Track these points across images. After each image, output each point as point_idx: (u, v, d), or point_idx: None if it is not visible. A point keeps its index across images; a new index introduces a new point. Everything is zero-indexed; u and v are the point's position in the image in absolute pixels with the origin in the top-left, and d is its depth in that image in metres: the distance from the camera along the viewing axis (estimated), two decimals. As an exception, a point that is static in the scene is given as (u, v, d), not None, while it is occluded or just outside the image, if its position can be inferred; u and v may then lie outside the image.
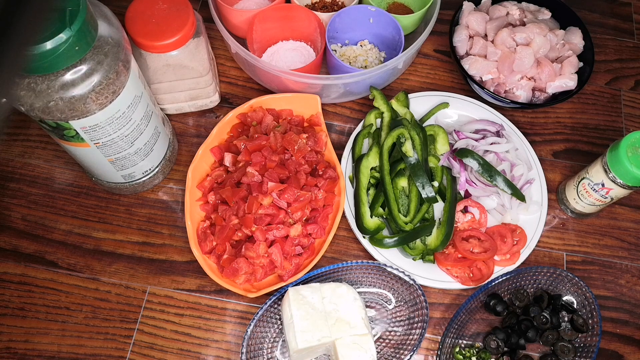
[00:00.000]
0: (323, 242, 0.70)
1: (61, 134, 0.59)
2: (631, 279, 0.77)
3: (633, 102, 0.90)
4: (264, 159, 0.71)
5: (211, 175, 0.74)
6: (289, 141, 0.72)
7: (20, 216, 0.76)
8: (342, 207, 0.71)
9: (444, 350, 0.68)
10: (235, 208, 0.69)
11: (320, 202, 0.71)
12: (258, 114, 0.76)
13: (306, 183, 0.71)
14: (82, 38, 0.50)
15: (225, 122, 0.75)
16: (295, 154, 0.71)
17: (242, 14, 0.83)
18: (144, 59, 0.70)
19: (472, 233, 0.74)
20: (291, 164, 0.71)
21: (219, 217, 0.70)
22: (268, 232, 0.67)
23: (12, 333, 0.69)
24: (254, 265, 0.67)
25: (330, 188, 0.72)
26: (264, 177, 0.69)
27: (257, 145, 0.72)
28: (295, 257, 0.69)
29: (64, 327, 0.70)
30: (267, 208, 0.68)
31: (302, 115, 0.78)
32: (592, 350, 0.68)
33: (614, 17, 0.97)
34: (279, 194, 0.68)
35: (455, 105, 0.84)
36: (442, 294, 0.74)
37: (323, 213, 0.72)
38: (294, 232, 0.69)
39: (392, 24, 0.83)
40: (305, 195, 0.69)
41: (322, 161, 0.74)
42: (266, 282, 0.69)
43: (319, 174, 0.73)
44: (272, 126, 0.75)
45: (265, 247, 0.67)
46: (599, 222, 0.81)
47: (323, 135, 0.75)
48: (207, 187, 0.73)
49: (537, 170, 0.80)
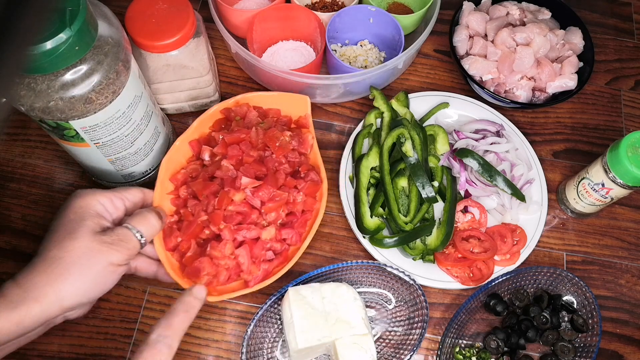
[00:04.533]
0: (297, 249, 0.65)
1: (61, 134, 0.59)
2: (631, 279, 0.77)
3: (633, 102, 0.90)
4: (241, 153, 0.66)
5: (186, 169, 0.68)
6: (270, 137, 0.67)
7: (20, 216, 0.76)
8: (322, 214, 0.66)
9: (444, 350, 0.68)
10: (205, 203, 0.64)
11: (299, 207, 0.66)
12: (242, 109, 0.71)
13: (285, 183, 0.66)
14: (82, 38, 0.50)
15: (207, 116, 0.70)
16: (276, 152, 0.67)
17: (242, 14, 0.83)
18: (144, 59, 0.70)
19: (472, 233, 0.74)
20: (270, 162, 0.66)
21: (188, 212, 0.64)
22: (237, 232, 0.62)
23: (12, 333, 0.69)
24: (218, 267, 0.62)
25: (311, 192, 0.67)
26: (238, 172, 0.64)
27: (235, 138, 0.67)
28: (264, 262, 0.64)
29: (64, 327, 0.70)
30: (239, 205, 0.63)
31: (290, 116, 0.74)
32: (592, 350, 0.68)
33: (614, 17, 0.97)
34: (253, 191, 0.63)
35: (455, 105, 0.84)
36: (442, 294, 0.74)
37: (301, 219, 0.66)
38: (266, 234, 0.64)
39: (392, 23, 0.83)
40: (282, 195, 0.64)
41: (306, 163, 0.69)
42: (230, 287, 0.64)
43: (300, 176, 0.68)
44: (255, 122, 0.70)
45: (232, 247, 0.62)
46: (599, 222, 0.81)
47: (309, 136, 0.70)
48: (180, 180, 0.67)
49: (537, 170, 0.80)
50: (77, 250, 0.51)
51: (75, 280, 0.50)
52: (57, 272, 0.50)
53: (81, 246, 0.51)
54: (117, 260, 0.53)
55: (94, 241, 0.52)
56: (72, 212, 0.54)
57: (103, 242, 0.52)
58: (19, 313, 0.48)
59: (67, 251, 0.50)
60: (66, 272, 0.50)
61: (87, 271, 0.51)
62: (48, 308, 0.49)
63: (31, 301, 0.48)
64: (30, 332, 0.50)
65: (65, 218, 0.53)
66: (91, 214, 0.54)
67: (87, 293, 0.52)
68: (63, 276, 0.50)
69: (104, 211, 0.56)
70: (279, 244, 0.65)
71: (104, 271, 0.52)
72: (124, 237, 0.54)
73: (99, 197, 0.56)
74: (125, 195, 0.59)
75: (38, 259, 0.51)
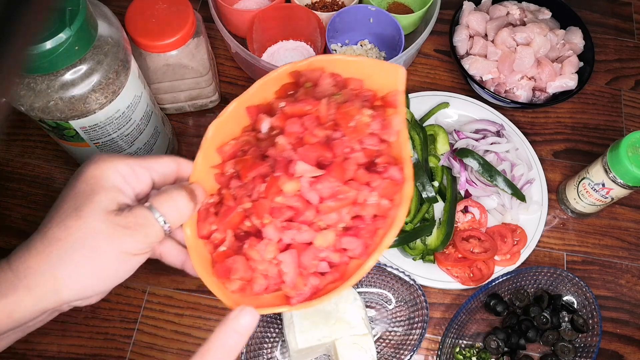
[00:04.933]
0: (360, 266, 0.48)
1: (61, 134, 0.59)
2: (631, 279, 0.77)
3: (633, 102, 0.90)
4: (303, 129, 0.51)
5: (238, 140, 0.54)
6: (343, 114, 0.51)
7: (20, 216, 0.76)
8: (399, 224, 0.49)
9: (444, 351, 0.68)
10: (250, 187, 0.49)
11: (370, 210, 0.50)
12: (315, 74, 0.56)
13: (354, 177, 0.50)
14: (82, 38, 0.50)
15: (272, 78, 0.55)
16: (348, 134, 0.50)
17: (242, 14, 0.83)
18: (143, 59, 0.70)
19: (472, 233, 0.74)
20: (339, 146, 0.50)
21: (229, 195, 0.51)
22: (285, 231, 0.48)
23: (12, 333, 0.69)
24: (255, 272, 0.48)
25: (388, 193, 0.50)
26: (295, 155, 0.49)
27: (298, 110, 0.52)
28: (315, 275, 0.49)
29: (64, 327, 0.70)
30: (291, 197, 0.48)
31: (375, 91, 0.56)
32: (592, 351, 0.68)
33: (614, 16, 0.97)
34: (312, 182, 0.48)
35: (455, 105, 0.83)
36: (442, 294, 0.74)
37: (370, 226, 0.50)
38: (322, 240, 0.48)
39: (392, 23, 0.82)
40: (348, 193, 0.48)
41: (387, 154, 0.52)
42: (264, 300, 0.49)
43: (376, 170, 0.51)
44: (329, 92, 0.54)
45: (275, 250, 0.48)
46: (599, 222, 0.80)
47: (396, 119, 0.53)
48: (228, 153, 0.53)
49: (537, 170, 0.79)
50: (82, 232, 0.41)
51: (77, 268, 0.41)
52: (56, 256, 0.40)
53: (88, 227, 0.41)
54: (132, 249, 0.43)
55: (104, 222, 0.41)
56: (82, 182, 0.43)
57: (116, 225, 0.42)
58: (7, 303, 0.40)
59: (69, 232, 0.41)
60: (67, 258, 0.41)
61: (92, 259, 0.41)
62: (42, 299, 0.40)
63: (22, 289, 0.40)
64: (25, 324, 0.42)
65: (75, 188, 0.43)
66: (106, 186, 0.43)
67: (92, 285, 0.42)
68: (63, 262, 0.40)
69: (122, 183, 0.44)
70: (337, 254, 0.49)
71: (114, 261, 0.42)
72: (144, 220, 0.43)
73: (119, 165, 0.44)
74: (153, 165, 0.47)
75: (36, 236, 0.42)
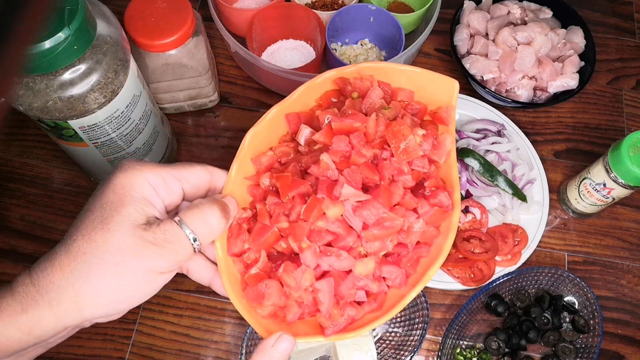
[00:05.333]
0: (401, 298, 0.46)
1: (60, 134, 0.58)
2: (632, 280, 0.77)
3: (634, 102, 0.90)
4: (350, 148, 0.47)
5: (275, 151, 0.50)
6: (394, 133, 0.47)
7: (19, 216, 0.75)
8: (445, 255, 0.46)
9: (445, 351, 0.67)
10: (289, 206, 0.46)
11: (414, 237, 0.47)
12: (364, 84, 0.52)
13: (401, 203, 0.46)
14: (81, 37, 0.49)
15: (317, 83, 0.52)
16: (397, 155, 0.47)
17: (241, 13, 0.82)
18: (142, 58, 0.69)
19: (473, 233, 0.74)
20: (387, 168, 0.46)
21: (264, 212, 0.47)
22: (323, 257, 0.45)
23: (11, 334, 0.69)
24: (288, 298, 0.45)
25: (435, 220, 0.48)
26: (341, 176, 0.45)
27: (346, 126, 0.48)
28: (352, 305, 0.46)
29: (62, 327, 0.70)
30: (333, 222, 0.45)
31: (426, 105, 0.53)
32: (593, 351, 0.68)
33: (615, 16, 0.97)
34: (356, 208, 0.45)
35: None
36: (442, 295, 0.74)
37: (413, 253, 0.47)
38: (362, 268, 0.45)
39: (392, 22, 0.82)
40: (395, 221, 0.45)
41: (436, 177, 0.49)
42: (298, 328, 0.46)
43: (424, 194, 0.48)
44: (378, 105, 0.51)
45: (312, 277, 0.44)
46: (601, 222, 0.80)
47: (448, 139, 0.50)
48: (265, 164, 0.50)
49: (538, 170, 0.79)
50: (109, 246, 0.39)
51: (102, 285, 0.39)
52: (80, 271, 0.38)
53: (115, 241, 0.39)
54: (159, 267, 0.40)
55: (132, 236, 0.39)
56: (111, 191, 0.41)
57: (144, 241, 0.40)
58: (28, 318, 0.38)
59: (95, 245, 0.39)
60: (91, 274, 0.39)
61: (118, 276, 0.39)
62: (64, 316, 0.39)
63: (44, 305, 0.38)
64: (45, 340, 0.40)
65: (103, 198, 0.41)
66: (135, 197, 0.41)
67: (115, 303, 0.41)
68: (87, 278, 0.39)
69: (152, 195, 0.42)
70: (376, 283, 0.46)
71: (140, 278, 0.40)
72: (173, 237, 0.41)
73: (149, 175, 0.42)
74: (185, 175, 0.44)
75: (61, 248, 0.40)
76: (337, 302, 0.45)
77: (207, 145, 0.82)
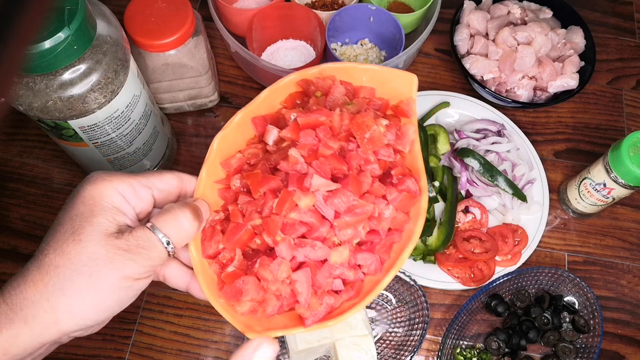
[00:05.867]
0: (376, 283, 0.47)
1: (60, 134, 0.58)
2: (632, 280, 0.77)
3: (635, 102, 0.90)
4: (317, 142, 0.49)
5: (244, 153, 0.52)
6: (359, 125, 0.49)
7: (19, 216, 0.75)
8: (415, 239, 0.48)
9: (445, 352, 0.67)
10: (261, 203, 0.47)
11: (385, 224, 0.49)
12: (326, 83, 0.54)
13: (371, 191, 0.48)
14: (81, 37, 0.49)
15: (280, 87, 0.54)
16: (363, 145, 0.49)
17: (241, 13, 0.82)
18: (142, 58, 0.69)
19: (473, 233, 0.74)
20: (354, 158, 0.48)
21: (237, 211, 0.49)
22: (298, 249, 0.46)
23: (11, 334, 0.69)
24: (267, 292, 0.46)
25: (404, 206, 0.50)
26: (310, 168, 0.47)
27: (312, 121, 0.49)
28: (330, 294, 0.47)
29: (62, 327, 0.70)
30: (305, 213, 0.46)
31: (387, 99, 0.55)
32: (593, 351, 0.68)
33: (616, 16, 0.97)
34: (327, 197, 0.46)
35: (456, 105, 0.83)
36: (442, 295, 0.74)
37: (386, 240, 0.49)
38: (338, 257, 0.47)
39: (392, 22, 0.82)
40: (365, 207, 0.46)
41: (402, 165, 0.51)
42: (277, 321, 0.47)
43: (392, 182, 0.50)
44: (341, 102, 0.53)
45: (288, 269, 0.46)
46: (601, 222, 0.80)
47: (411, 129, 0.52)
48: (234, 167, 0.51)
49: (538, 170, 0.79)
50: (82, 257, 0.39)
51: (77, 297, 0.39)
52: (54, 285, 0.38)
53: (87, 252, 0.39)
54: (133, 274, 0.40)
55: (104, 246, 0.39)
56: (80, 203, 0.41)
57: (117, 248, 0.40)
58: (3, 338, 0.37)
59: (68, 257, 0.39)
60: (66, 287, 0.38)
61: (92, 286, 0.39)
62: (41, 332, 0.38)
63: (19, 323, 0.37)
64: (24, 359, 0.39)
65: (72, 210, 0.41)
66: (105, 207, 0.41)
67: (93, 314, 0.40)
68: (61, 292, 0.38)
69: (122, 204, 0.42)
70: (352, 271, 0.48)
71: (116, 286, 0.40)
72: (146, 242, 0.41)
73: (118, 184, 0.42)
74: (154, 182, 0.45)
75: (32, 264, 0.39)
76: (315, 292, 0.46)
77: (207, 145, 0.80)
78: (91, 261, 0.39)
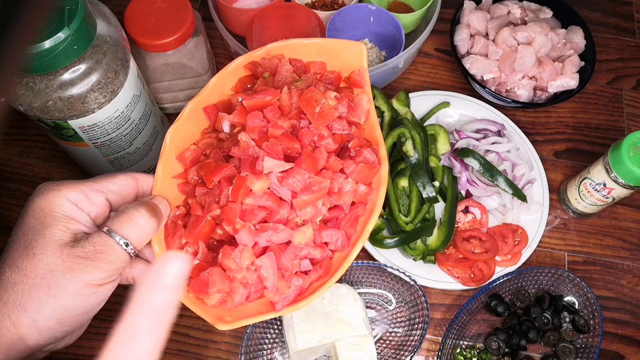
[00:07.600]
0: (345, 258, 0.46)
1: (60, 134, 0.58)
2: (633, 280, 0.77)
3: (635, 102, 0.90)
4: (265, 123, 0.47)
5: (198, 144, 0.51)
6: (307, 100, 0.47)
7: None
8: (379, 209, 0.47)
9: (445, 352, 0.67)
10: (217, 192, 0.46)
11: (347, 198, 0.48)
12: (273, 62, 0.53)
13: (327, 166, 0.47)
14: (81, 37, 0.49)
15: (227, 73, 0.53)
16: (314, 121, 0.47)
17: (241, 13, 0.82)
18: (142, 58, 0.69)
19: (473, 233, 0.74)
20: (307, 135, 0.47)
21: (196, 204, 0.48)
22: (260, 234, 0.45)
23: (11, 334, 0.69)
24: (233, 282, 0.45)
25: (364, 177, 0.48)
26: (260, 151, 0.46)
27: (258, 102, 0.48)
28: (298, 275, 0.46)
29: (62, 327, 0.70)
30: (261, 197, 0.45)
31: (339, 72, 0.54)
32: (593, 351, 0.68)
33: (616, 16, 0.97)
34: (281, 178, 0.45)
35: (456, 105, 0.83)
36: (442, 295, 0.74)
37: (350, 215, 0.48)
38: (301, 237, 0.46)
39: (392, 22, 0.82)
40: (322, 183, 0.45)
41: (359, 137, 0.50)
42: (249, 309, 0.46)
43: (349, 155, 0.49)
44: (289, 80, 0.52)
45: (251, 255, 0.45)
46: (601, 222, 0.80)
47: (364, 99, 0.50)
48: (190, 159, 0.50)
49: (538, 170, 0.79)
50: (37, 271, 0.38)
51: (39, 312, 0.38)
52: (14, 302, 0.37)
53: (43, 265, 0.38)
54: (95, 280, 0.40)
55: (60, 256, 0.38)
56: (31, 217, 0.40)
57: (74, 257, 0.39)
58: None
59: (24, 273, 0.38)
60: (25, 302, 0.37)
61: (54, 298, 0.38)
62: (8, 351, 0.37)
63: None
64: None
65: (24, 225, 0.40)
66: (56, 217, 0.40)
67: (59, 326, 0.39)
68: (22, 308, 0.37)
69: (75, 211, 0.41)
70: (318, 250, 0.47)
71: (79, 295, 0.39)
72: (103, 247, 0.40)
73: (67, 193, 0.41)
74: (107, 186, 0.44)
75: None
76: (282, 276, 0.46)
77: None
78: (48, 273, 0.38)
